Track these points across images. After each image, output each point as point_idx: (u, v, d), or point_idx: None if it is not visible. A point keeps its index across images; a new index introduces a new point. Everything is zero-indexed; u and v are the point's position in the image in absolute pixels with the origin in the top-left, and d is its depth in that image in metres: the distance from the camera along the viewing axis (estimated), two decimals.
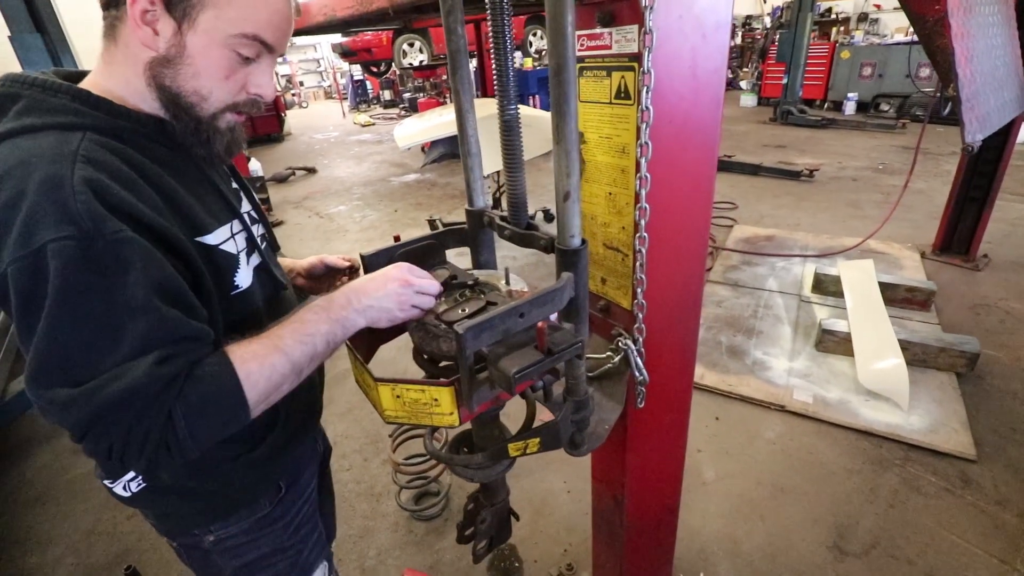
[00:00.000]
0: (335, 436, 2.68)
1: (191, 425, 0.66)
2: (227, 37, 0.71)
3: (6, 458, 2.76)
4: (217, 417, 0.69)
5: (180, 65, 0.72)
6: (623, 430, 1.20)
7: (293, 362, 0.74)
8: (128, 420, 0.63)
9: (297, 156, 9.87)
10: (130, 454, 0.65)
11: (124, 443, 0.64)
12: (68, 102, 0.70)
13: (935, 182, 5.60)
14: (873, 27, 10.54)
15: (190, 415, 0.66)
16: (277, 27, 0.75)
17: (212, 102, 0.75)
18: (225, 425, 0.70)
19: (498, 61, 0.82)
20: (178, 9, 0.69)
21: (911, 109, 8.55)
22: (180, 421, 0.65)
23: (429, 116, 4.93)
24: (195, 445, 0.67)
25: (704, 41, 0.91)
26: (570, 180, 0.76)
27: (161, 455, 0.66)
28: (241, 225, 0.87)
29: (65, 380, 0.63)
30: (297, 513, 1.04)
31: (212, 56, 0.72)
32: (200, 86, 0.73)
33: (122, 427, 0.64)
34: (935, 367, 2.75)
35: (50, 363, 0.63)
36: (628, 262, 1.03)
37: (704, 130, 0.99)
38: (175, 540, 0.98)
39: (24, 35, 2.96)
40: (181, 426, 0.66)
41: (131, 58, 0.73)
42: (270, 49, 0.76)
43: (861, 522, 2.02)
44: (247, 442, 0.90)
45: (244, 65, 0.75)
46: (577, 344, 0.75)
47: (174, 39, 0.70)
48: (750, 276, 3.92)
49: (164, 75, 0.72)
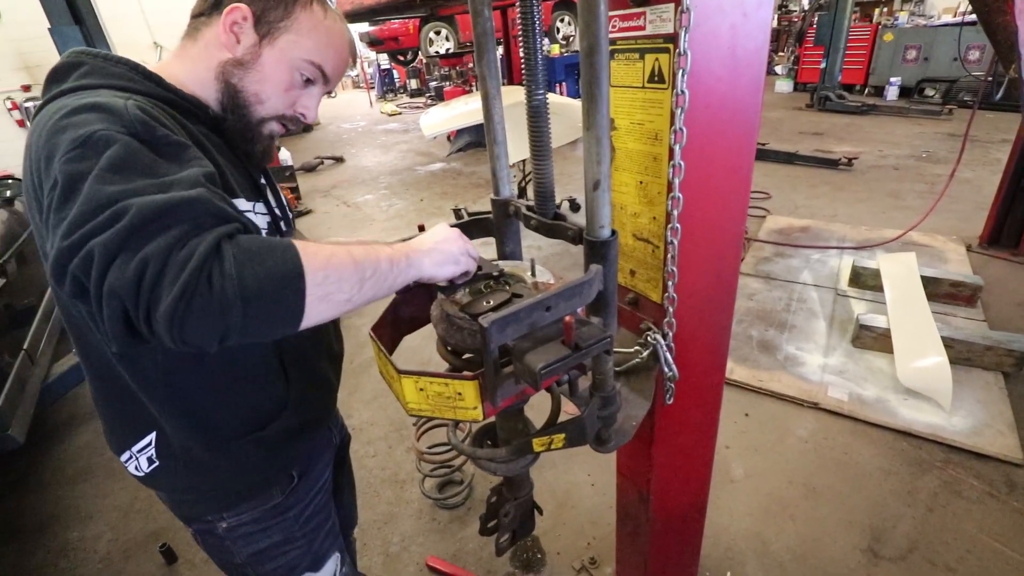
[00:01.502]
0: (361, 423, 2.71)
1: (240, 264, 0.57)
2: (297, 59, 0.85)
3: (50, 437, 2.88)
4: (270, 268, 0.59)
5: (250, 69, 0.84)
6: (650, 426, 1.16)
7: (356, 263, 0.67)
8: (171, 234, 0.57)
9: (325, 145, 9.98)
10: (167, 276, 0.55)
11: (163, 259, 0.56)
12: (125, 71, 0.78)
13: (983, 171, 5.33)
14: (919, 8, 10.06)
15: (240, 255, 0.58)
16: (336, 66, 0.90)
17: (267, 107, 0.86)
18: (276, 286, 0.59)
19: (526, 45, 0.79)
20: (264, 27, 0.83)
21: (958, 94, 8.15)
22: (229, 256, 0.57)
23: (455, 105, 4.90)
24: (239, 292, 0.56)
25: (745, 19, 0.86)
26: (600, 168, 0.73)
27: (201, 288, 0.55)
28: (265, 208, 0.91)
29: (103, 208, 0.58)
30: (309, 504, 1.05)
31: (280, 70, 0.85)
32: (261, 90, 0.85)
33: (163, 241, 0.56)
34: (980, 366, 2.62)
35: (88, 206, 0.58)
36: (659, 254, 0.99)
37: (743, 115, 0.94)
38: (191, 525, 1.00)
39: (63, 27, 3.04)
40: (229, 261, 0.57)
41: (207, 55, 0.84)
42: (326, 80, 0.90)
43: (898, 525, 1.94)
44: (257, 420, 0.90)
45: (300, 87, 0.88)
46: (606, 339, 0.72)
47: (252, 49, 0.83)
48: (783, 268, 3.80)
49: (233, 73, 0.84)
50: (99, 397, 0.89)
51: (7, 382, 2.34)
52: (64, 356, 2.96)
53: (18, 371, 2.46)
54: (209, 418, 0.87)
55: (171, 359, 0.81)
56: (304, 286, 0.61)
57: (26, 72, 8.55)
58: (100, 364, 0.84)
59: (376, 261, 0.70)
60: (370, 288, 0.69)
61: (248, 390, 0.89)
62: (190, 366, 0.83)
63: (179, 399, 0.84)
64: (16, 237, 3.04)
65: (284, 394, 0.93)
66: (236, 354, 0.86)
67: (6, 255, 2.79)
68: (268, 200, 0.93)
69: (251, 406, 0.90)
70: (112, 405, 0.88)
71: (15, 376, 2.41)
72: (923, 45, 8.68)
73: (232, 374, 0.87)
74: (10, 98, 8.52)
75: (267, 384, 0.91)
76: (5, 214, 3.18)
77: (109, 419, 0.91)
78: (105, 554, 2.16)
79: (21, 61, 8.47)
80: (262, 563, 1.02)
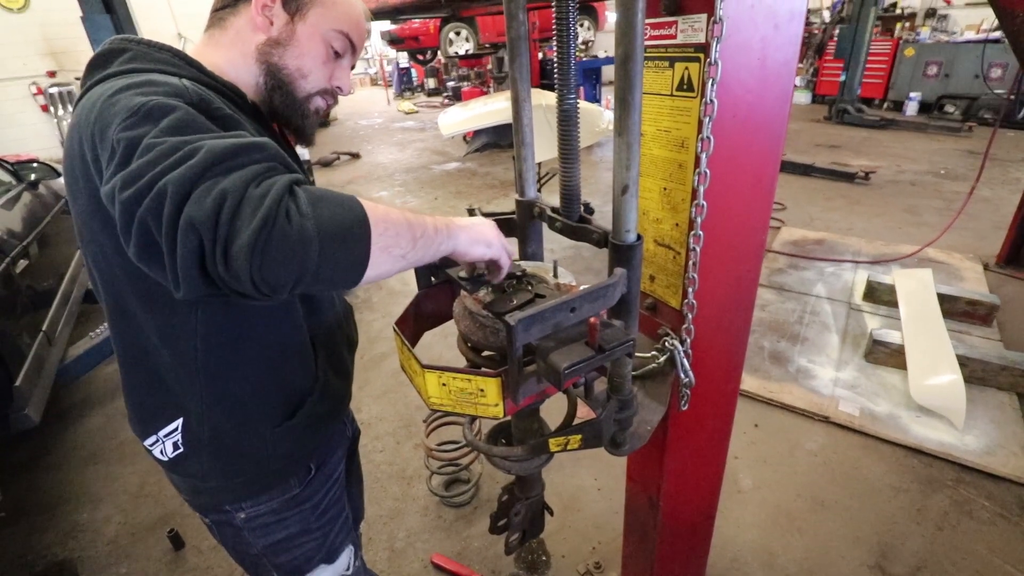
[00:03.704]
0: (369, 417, 2.73)
1: (313, 204, 0.58)
2: (328, 30, 0.88)
3: (63, 418, 2.93)
4: (340, 212, 0.60)
5: (288, 47, 0.87)
6: (664, 432, 1.17)
7: (408, 220, 0.68)
8: (248, 170, 0.58)
9: (343, 141, 10.04)
10: (246, 208, 0.55)
11: (241, 192, 0.55)
12: (169, 57, 0.80)
13: (1002, 190, 5.26)
14: (941, 24, 9.95)
15: (311, 197, 0.59)
16: (360, 34, 0.93)
17: (310, 81, 0.90)
18: (345, 231, 0.60)
19: (560, 49, 0.80)
20: (292, 5, 0.86)
21: (979, 112, 8.05)
22: (302, 196, 0.58)
23: (474, 105, 4.93)
24: (315, 230, 0.57)
25: (776, 31, 0.86)
26: (629, 174, 0.74)
27: (280, 221, 0.55)
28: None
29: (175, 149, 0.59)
30: (325, 495, 1.06)
31: (315, 43, 0.88)
32: (303, 64, 0.88)
33: (241, 174, 0.57)
34: (995, 386, 2.60)
35: (153, 155, 0.58)
36: (680, 260, 1.00)
37: (770, 126, 0.94)
38: (207, 516, 1.00)
39: (95, 15, 3.10)
40: (304, 199, 0.58)
41: (240, 41, 0.87)
42: (353, 49, 0.93)
43: (907, 543, 1.93)
44: (287, 406, 0.92)
45: (333, 59, 0.91)
46: (629, 342, 0.73)
47: (286, 28, 0.86)
48: (797, 280, 3.78)
49: (272, 53, 0.86)
50: (129, 381, 0.90)
51: (26, 362, 2.38)
52: (80, 339, 3.01)
53: (37, 352, 2.51)
54: (244, 404, 0.88)
55: (211, 342, 0.81)
56: (370, 233, 0.61)
57: (52, 58, 8.69)
58: (136, 347, 0.85)
59: (423, 224, 0.71)
60: (420, 248, 0.70)
61: (282, 375, 0.91)
62: (229, 350, 0.84)
63: (216, 384, 0.85)
64: (39, 220, 3.09)
65: (313, 380, 0.95)
66: (273, 337, 0.88)
67: (29, 238, 2.84)
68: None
69: (284, 391, 0.92)
70: (141, 389, 0.89)
71: (34, 356, 2.46)
72: (944, 61, 8.59)
73: (268, 358, 0.88)
74: (35, 83, 8.66)
75: (300, 368, 0.93)
76: (29, 197, 3.23)
77: (136, 403, 0.91)
78: (113, 537, 2.19)
79: (47, 47, 8.60)
80: (278, 554, 1.02)
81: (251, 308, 0.82)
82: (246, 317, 0.84)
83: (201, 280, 0.57)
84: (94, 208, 0.71)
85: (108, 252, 0.75)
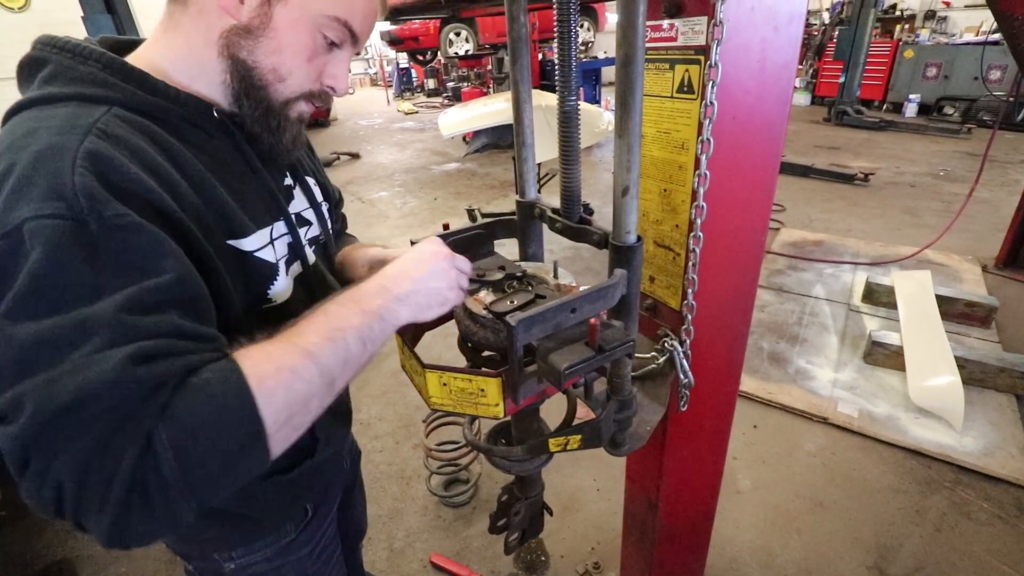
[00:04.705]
0: (369, 417, 2.73)
1: (183, 458, 0.47)
2: (318, 16, 0.66)
3: None
4: (220, 445, 0.50)
5: (262, 37, 0.65)
6: (663, 432, 1.17)
7: (321, 367, 0.58)
8: (85, 439, 0.45)
9: (342, 141, 10.04)
10: (88, 500, 0.46)
11: (79, 480, 0.45)
12: (97, 71, 0.61)
13: (1001, 192, 5.28)
14: (940, 25, 9.97)
15: (180, 441, 0.47)
16: (366, 18, 0.71)
17: (290, 84, 0.69)
18: (232, 460, 0.51)
19: (561, 51, 0.80)
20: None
21: (978, 113, 8.08)
22: (165, 451, 0.47)
23: (473, 106, 4.94)
24: (187, 492, 0.48)
25: (776, 34, 0.87)
26: (630, 175, 0.74)
27: (134, 505, 0.46)
28: (286, 227, 0.78)
29: (11, 381, 0.47)
30: (321, 537, 0.99)
31: (299, 33, 0.66)
32: (280, 63, 0.67)
33: (76, 451, 0.45)
34: (993, 387, 2.60)
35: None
36: (679, 261, 1.00)
37: (769, 127, 0.95)
38: (191, 563, 0.90)
39: (97, 15, 3.11)
40: (167, 459, 0.47)
41: (203, 25, 0.65)
42: (354, 40, 0.72)
43: (905, 544, 1.93)
44: (283, 462, 0.81)
45: (326, 52, 0.70)
46: (629, 343, 0.74)
47: (260, 9, 0.64)
48: (796, 281, 3.79)
49: (241, 46, 0.65)
50: None
51: None
52: None
53: None
54: None
55: None
56: (265, 438, 0.53)
57: None
58: None
59: (345, 352, 0.60)
60: (341, 382, 0.62)
61: None
62: None
63: None
64: None
65: (312, 439, 0.87)
66: None
67: None
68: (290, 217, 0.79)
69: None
70: None
71: None
72: (944, 63, 8.61)
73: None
74: None
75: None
76: None
77: None
78: None
79: None
80: None
81: None
82: None
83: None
84: None
85: None
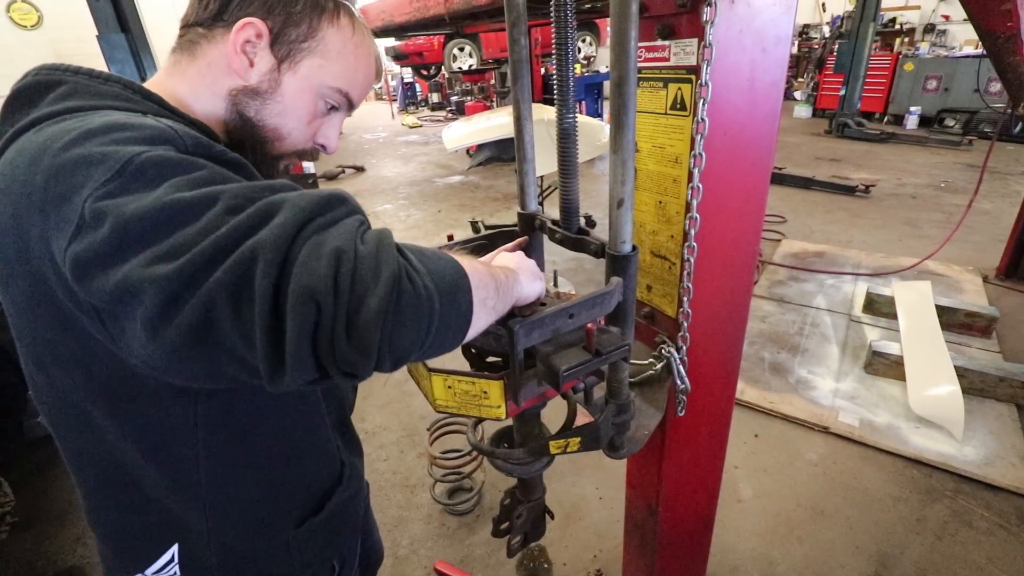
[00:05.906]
0: (374, 427, 2.76)
1: (421, 259, 0.50)
2: (323, 86, 0.72)
3: None
4: (441, 264, 0.51)
5: (269, 100, 0.70)
6: (661, 438, 1.20)
7: (487, 269, 0.61)
8: (347, 220, 0.49)
9: (347, 155, 10.17)
10: (365, 270, 0.45)
11: (354, 249, 0.46)
12: (121, 90, 0.62)
13: (1002, 203, 5.31)
14: (940, 39, 10.07)
15: (414, 251, 0.50)
16: (364, 90, 0.78)
17: (288, 143, 0.74)
18: (454, 286, 0.51)
19: (560, 69, 0.84)
20: (283, 49, 0.69)
21: (978, 125, 8.14)
22: (408, 251, 0.49)
23: (477, 120, 5.00)
24: (436, 288, 0.49)
25: (764, 55, 0.91)
26: (624, 188, 0.78)
27: (404, 284, 0.46)
28: None
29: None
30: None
31: (304, 99, 0.72)
32: (282, 124, 0.72)
33: (344, 227, 0.47)
34: (994, 397, 2.62)
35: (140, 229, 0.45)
36: (675, 270, 1.04)
37: (759, 142, 0.99)
38: None
39: (111, 34, 3.19)
40: (412, 256, 0.49)
41: (210, 78, 0.69)
42: (350, 107, 0.78)
43: (906, 552, 1.94)
44: (311, 500, 0.81)
45: (323, 116, 0.76)
46: (624, 347, 0.77)
47: (270, 75, 0.70)
48: (797, 292, 3.81)
49: (249, 105, 0.70)
50: (103, 513, 0.73)
51: None
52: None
53: None
54: (260, 508, 0.74)
55: (214, 442, 0.67)
56: (471, 286, 0.54)
57: None
58: (109, 469, 0.67)
59: (494, 272, 0.64)
60: (502, 297, 0.63)
61: (303, 465, 0.79)
62: (237, 446, 0.69)
63: (224, 490, 0.70)
64: None
65: (339, 464, 0.85)
66: (288, 420, 0.76)
67: None
68: None
69: (306, 485, 0.80)
70: (116, 512, 0.71)
71: None
72: (944, 76, 8.70)
73: (284, 448, 0.75)
74: None
75: (322, 454, 0.82)
76: None
77: (115, 538, 0.74)
78: None
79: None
80: None
81: (262, 392, 0.62)
82: (256, 404, 0.70)
83: (312, 362, 0.45)
84: (39, 298, 0.54)
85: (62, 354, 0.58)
